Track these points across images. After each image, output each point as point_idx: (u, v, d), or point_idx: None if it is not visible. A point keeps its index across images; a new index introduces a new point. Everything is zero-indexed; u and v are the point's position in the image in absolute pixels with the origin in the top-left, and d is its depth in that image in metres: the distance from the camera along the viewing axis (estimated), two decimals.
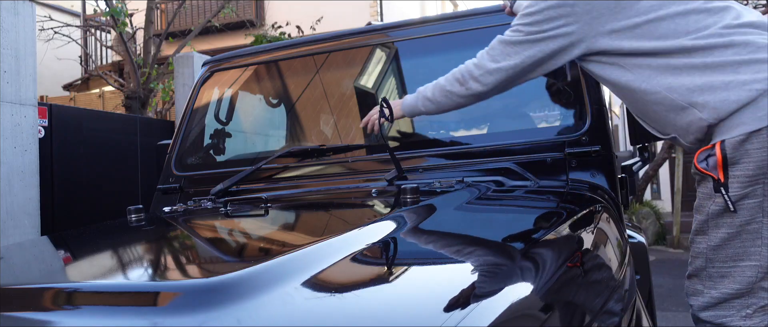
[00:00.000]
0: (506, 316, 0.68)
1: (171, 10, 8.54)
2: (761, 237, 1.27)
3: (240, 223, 1.46)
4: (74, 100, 8.95)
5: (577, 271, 0.95)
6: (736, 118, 1.26)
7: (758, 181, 1.26)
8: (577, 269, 0.95)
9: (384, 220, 1.14)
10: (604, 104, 1.74)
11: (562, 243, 1.05)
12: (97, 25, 9.46)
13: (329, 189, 1.85)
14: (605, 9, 1.35)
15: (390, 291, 0.78)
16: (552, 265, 0.89)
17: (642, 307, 1.73)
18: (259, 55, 2.28)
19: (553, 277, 0.84)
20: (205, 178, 2.06)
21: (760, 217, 1.26)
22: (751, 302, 1.28)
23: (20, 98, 3.13)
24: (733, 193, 1.27)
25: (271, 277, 0.74)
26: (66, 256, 1.25)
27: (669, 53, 1.32)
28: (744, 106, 1.25)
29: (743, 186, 1.27)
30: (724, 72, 1.27)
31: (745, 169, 1.27)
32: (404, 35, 2.05)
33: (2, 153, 3.00)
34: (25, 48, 3.17)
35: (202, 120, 2.30)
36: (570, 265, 0.93)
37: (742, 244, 1.28)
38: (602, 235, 1.21)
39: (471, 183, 1.66)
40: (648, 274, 2.35)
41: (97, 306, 0.75)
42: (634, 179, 2.09)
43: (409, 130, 2.03)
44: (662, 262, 6.87)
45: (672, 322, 4.32)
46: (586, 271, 0.98)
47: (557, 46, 1.42)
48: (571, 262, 0.95)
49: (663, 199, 10.54)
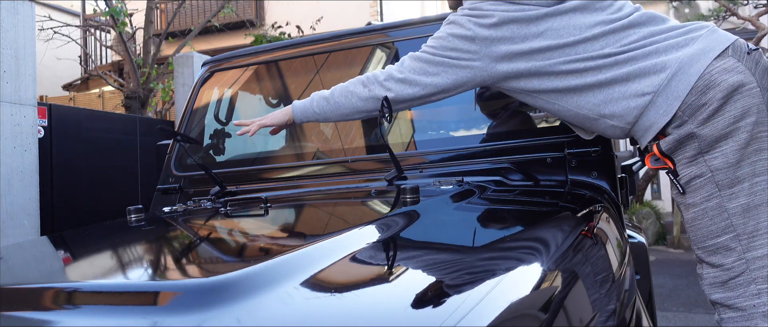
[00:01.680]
0: (506, 316, 0.67)
1: (171, 10, 8.54)
2: (726, 210, 1.32)
3: (239, 223, 1.46)
4: (74, 100, 8.95)
5: (577, 271, 0.95)
6: (646, 121, 1.37)
7: (698, 161, 1.33)
8: (577, 269, 0.95)
9: (383, 220, 1.14)
10: None
11: (562, 243, 1.05)
12: (96, 24, 9.46)
13: (329, 189, 1.85)
14: (500, 38, 1.42)
15: (389, 291, 0.78)
16: (551, 265, 0.89)
17: (642, 307, 1.73)
18: (259, 55, 2.28)
19: (553, 277, 0.84)
20: (204, 178, 2.06)
21: (717, 192, 1.32)
22: (756, 276, 1.29)
23: (20, 98, 3.13)
24: (682, 176, 1.37)
25: (271, 276, 0.74)
26: (66, 256, 1.25)
27: (564, 75, 1.40)
28: (645, 109, 1.35)
29: (687, 167, 1.35)
30: (619, 85, 1.37)
31: (683, 153, 1.35)
32: (404, 35, 2.05)
33: (2, 153, 3.00)
34: (24, 48, 3.17)
35: (202, 120, 2.30)
36: (569, 265, 0.93)
37: (711, 222, 1.34)
38: (602, 235, 1.21)
39: (471, 183, 1.66)
40: (648, 274, 2.35)
41: (97, 306, 0.75)
42: (634, 179, 2.09)
43: (409, 130, 2.03)
44: (662, 262, 6.88)
45: (672, 322, 4.33)
46: (585, 271, 0.98)
47: (459, 76, 1.46)
48: (571, 262, 0.95)
49: (663, 199, 10.53)
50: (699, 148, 1.33)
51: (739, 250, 1.31)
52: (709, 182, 1.33)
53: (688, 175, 1.35)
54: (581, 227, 1.20)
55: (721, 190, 1.32)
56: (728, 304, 1.33)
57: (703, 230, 1.36)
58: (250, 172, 2.09)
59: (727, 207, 1.31)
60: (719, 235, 1.33)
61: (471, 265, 0.88)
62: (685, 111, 1.32)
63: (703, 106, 1.31)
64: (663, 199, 10.41)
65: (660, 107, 1.34)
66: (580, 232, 1.17)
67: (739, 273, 1.31)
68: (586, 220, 1.27)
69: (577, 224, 1.20)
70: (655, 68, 1.34)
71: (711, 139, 1.31)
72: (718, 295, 1.35)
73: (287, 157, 2.18)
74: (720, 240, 1.33)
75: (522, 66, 1.41)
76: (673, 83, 1.33)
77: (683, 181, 1.37)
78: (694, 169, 1.34)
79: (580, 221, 1.24)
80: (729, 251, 1.32)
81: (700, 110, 1.31)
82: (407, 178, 1.72)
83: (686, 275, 5.81)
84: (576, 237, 1.11)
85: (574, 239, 1.08)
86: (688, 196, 1.37)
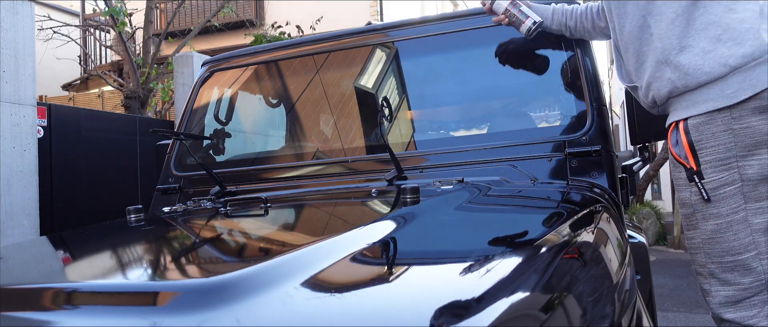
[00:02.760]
0: (506, 316, 0.67)
1: (170, 9, 8.54)
2: (750, 225, 1.23)
3: (239, 223, 1.46)
4: (73, 100, 8.95)
5: (577, 271, 0.94)
6: (703, 93, 1.25)
7: (730, 166, 1.23)
8: (577, 269, 0.95)
9: (383, 220, 1.14)
10: (604, 104, 1.74)
11: (562, 243, 1.05)
12: (96, 24, 9.47)
13: (329, 189, 1.85)
14: None
15: (389, 291, 0.78)
16: (552, 265, 0.89)
17: (642, 307, 1.72)
18: (259, 55, 2.28)
19: (553, 277, 0.84)
20: (204, 178, 2.06)
21: (743, 204, 1.23)
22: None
23: (19, 98, 3.13)
24: (709, 181, 1.25)
25: (271, 276, 0.74)
26: (66, 256, 1.24)
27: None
28: (714, 80, 1.24)
29: (717, 171, 1.24)
30: (724, 44, 1.24)
31: (714, 153, 1.24)
32: (404, 35, 2.05)
33: (1, 153, 3.00)
34: (24, 48, 3.17)
35: (202, 120, 2.30)
36: (570, 266, 0.93)
37: (735, 236, 1.25)
38: (602, 235, 1.21)
39: (471, 183, 1.65)
40: (648, 274, 2.35)
41: (97, 306, 0.75)
42: (634, 179, 2.09)
43: (409, 130, 2.03)
44: (663, 263, 6.88)
45: (672, 322, 4.32)
46: (586, 271, 0.98)
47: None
48: (571, 263, 0.95)
49: (664, 199, 10.53)
50: (732, 150, 1.22)
51: (758, 271, 1.23)
52: (738, 192, 1.23)
53: (717, 182, 1.24)
54: (582, 227, 1.20)
55: (748, 202, 1.23)
56: (745, 323, 1.26)
57: (724, 245, 1.26)
58: (250, 172, 2.09)
59: (751, 222, 1.23)
60: (741, 252, 1.24)
61: (471, 266, 0.88)
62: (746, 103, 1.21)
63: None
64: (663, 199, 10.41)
65: (731, 86, 1.22)
66: (580, 232, 1.17)
67: (755, 292, 1.24)
68: (587, 221, 1.27)
69: (577, 224, 1.20)
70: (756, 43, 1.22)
71: (750, 142, 1.21)
72: (731, 314, 1.28)
73: (287, 157, 2.17)
74: (741, 257, 1.24)
75: None
76: (757, 70, 1.21)
77: (710, 187, 1.25)
78: (725, 176, 1.23)
79: (580, 221, 1.23)
80: (748, 271, 1.24)
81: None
82: (407, 178, 1.71)
83: (686, 275, 5.81)
84: (576, 237, 1.11)
85: (574, 239, 1.07)
86: (712, 205, 1.26)
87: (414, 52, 2.08)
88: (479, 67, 2.03)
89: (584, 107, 1.73)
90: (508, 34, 1.87)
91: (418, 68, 2.11)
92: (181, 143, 2.19)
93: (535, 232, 1.17)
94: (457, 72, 2.07)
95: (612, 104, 13.00)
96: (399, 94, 2.09)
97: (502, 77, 2.00)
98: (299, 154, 2.17)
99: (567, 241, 1.06)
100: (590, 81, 1.73)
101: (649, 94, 1.37)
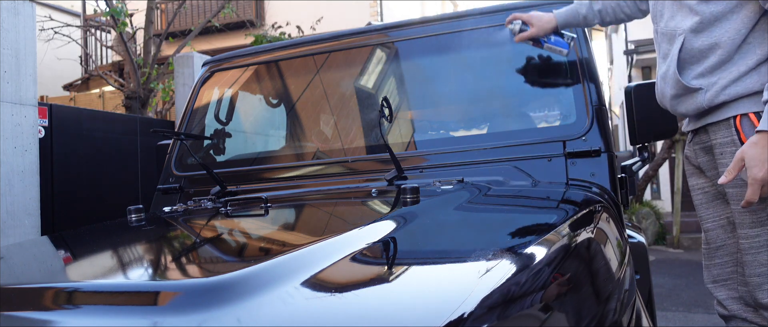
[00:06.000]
0: (506, 315, 0.68)
1: (171, 10, 8.54)
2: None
3: (240, 223, 1.46)
4: (74, 100, 8.94)
5: (577, 271, 0.95)
6: (733, 108, 1.33)
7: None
8: (577, 269, 0.95)
9: (384, 220, 1.14)
10: (604, 104, 1.74)
11: (562, 243, 1.05)
12: (97, 25, 9.47)
13: (329, 189, 1.85)
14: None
15: (389, 291, 0.78)
16: (552, 265, 0.89)
17: (642, 307, 1.72)
18: (259, 55, 2.28)
19: (553, 277, 0.84)
20: (205, 178, 2.06)
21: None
22: None
23: (20, 98, 3.13)
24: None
25: (271, 277, 0.74)
26: (66, 256, 1.25)
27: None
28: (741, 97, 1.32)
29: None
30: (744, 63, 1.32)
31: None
32: (404, 35, 2.05)
33: (2, 153, 3.00)
34: (25, 48, 3.17)
35: (203, 120, 2.30)
36: (569, 265, 0.93)
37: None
38: (602, 235, 1.21)
39: (471, 183, 1.66)
40: (648, 274, 2.35)
41: (97, 306, 0.75)
42: (634, 179, 2.09)
43: (409, 130, 2.03)
44: (662, 262, 6.87)
45: (672, 322, 4.32)
46: (585, 271, 0.98)
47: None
48: (571, 263, 0.95)
49: (663, 199, 10.52)
50: None
51: None
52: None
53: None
54: (581, 227, 1.20)
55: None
56: None
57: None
58: (250, 172, 2.09)
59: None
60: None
61: (470, 266, 0.88)
62: None
63: None
64: (663, 199, 10.41)
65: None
66: (580, 232, 1.17)
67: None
68: (586, 221, 1.27)
69: (577, 224, 1.20)
70: None
71: None
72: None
73: (287, 157, 2.18)
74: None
75: None
76: None
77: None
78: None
79: (580, 221, 1.24)
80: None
81: None
82: (407, 178, 1.71)
83: (686, 275, 5.81)
84: (576, 237, 1.11)
85: (574, 239, 1.08)
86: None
87: (414, 53, 2.08)
88: (479, 67, 2.03)
89: (584, 107, 1.73)
90: (508, 34, 1.87)
91: (418, 68, 2.11)
92: (181, 143, 2.19)
93: (535, 232, 1.17)
94: (457, 72, 2.07)
95: (612, 104, 12.99)
96: (399, 94, 2.10)
97: (501, 77, 2.00)
98: (299, 154, 2.17)
99: (566, 241, 1.06)
100: (590, 81, 1.74)
101: (719, 97, 1.41)
